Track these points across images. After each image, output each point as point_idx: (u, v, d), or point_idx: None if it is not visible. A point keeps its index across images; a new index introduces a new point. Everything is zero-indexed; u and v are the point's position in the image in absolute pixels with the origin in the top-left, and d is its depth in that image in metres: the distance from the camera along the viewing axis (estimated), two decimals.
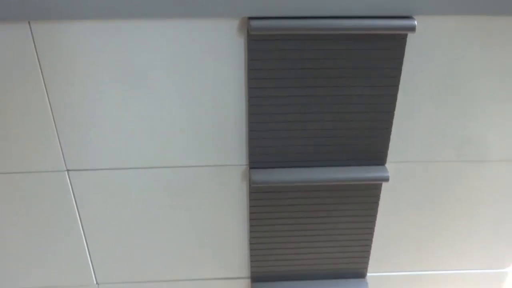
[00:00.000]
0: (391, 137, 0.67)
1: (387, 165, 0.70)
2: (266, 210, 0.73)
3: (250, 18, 0.56)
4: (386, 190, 0.73)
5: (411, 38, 0.59)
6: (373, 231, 0.76)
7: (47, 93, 0.61)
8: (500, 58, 0.62)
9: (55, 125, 0.63)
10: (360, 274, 0.82)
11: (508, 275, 0.86)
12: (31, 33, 0.56)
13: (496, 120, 0.67)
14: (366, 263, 0.81)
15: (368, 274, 0.83)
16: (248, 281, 0.83)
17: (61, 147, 0.65)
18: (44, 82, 0.60)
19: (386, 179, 0.68)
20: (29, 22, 0.56)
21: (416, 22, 0.56)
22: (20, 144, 0.65)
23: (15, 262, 0.77)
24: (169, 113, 0.64)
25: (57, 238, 0.75)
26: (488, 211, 0.77)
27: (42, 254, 0.77)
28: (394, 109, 0.64)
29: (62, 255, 0.77)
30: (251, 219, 0.74)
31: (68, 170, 0.68)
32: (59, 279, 0.80)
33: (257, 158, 0.68)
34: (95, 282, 0.80)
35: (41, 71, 0.59)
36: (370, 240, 0.78)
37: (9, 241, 0.75)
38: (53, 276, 0.80)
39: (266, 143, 0.66)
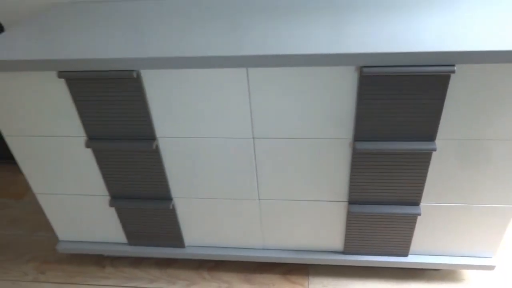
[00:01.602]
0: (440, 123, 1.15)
1: (436, 141, 1.18)
2: (361, 166, 1.26)
3: (363, 66, 1.05)
4: (435, 157, 1.22)
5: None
6: (425, 179, 1.27)
7: (249, 90, 1.16)
8: None
9: (250, 110, 1.19)
10: (415, 203, 1.34)
11: None
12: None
13: None
14: (420, 197, 1.32)
15: (421, 203, 1.35)
16: (346, 203, 1.39)
17: (252, 123, 1.21)
18: (249, 88, 1.15)
19: (435, 150, 1.17)
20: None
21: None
22: (223, 120, 1.22)
23: (205, 180, 1.39)
24: (311, 111, 1.16)
25: (239, 175, 1.34)
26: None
27: (228, 178, 1.36)
28: (439, 119, 1.12)
29: (239, 181, 1.36)
30: (352, 169, 1.27)
31: (254, 138, 1.24)
32: (234, 193, 1.40)
33: (359, 135, 1.19)
34: (257, 198, 1.40)
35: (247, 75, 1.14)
36: (424, 180, 1.28)
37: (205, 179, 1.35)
38: (229, 191, 1.39)
39: (364, 128, 1.17)
